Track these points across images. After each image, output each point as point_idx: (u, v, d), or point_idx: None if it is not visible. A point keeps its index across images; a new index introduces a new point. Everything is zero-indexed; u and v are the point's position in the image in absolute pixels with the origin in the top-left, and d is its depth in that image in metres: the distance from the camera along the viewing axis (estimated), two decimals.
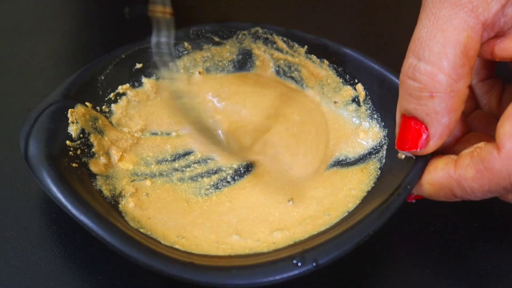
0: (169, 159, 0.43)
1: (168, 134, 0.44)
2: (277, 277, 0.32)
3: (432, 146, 0.36)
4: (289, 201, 0.40)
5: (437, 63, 0.34)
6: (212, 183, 0.42)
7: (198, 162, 0.43)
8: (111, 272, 0.37)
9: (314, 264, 0.32)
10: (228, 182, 0.42)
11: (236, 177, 0.42)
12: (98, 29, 0.55)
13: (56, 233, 0.39)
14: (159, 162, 0.43)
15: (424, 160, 0.37)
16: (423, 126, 0.35)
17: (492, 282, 0.38)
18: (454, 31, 0.33)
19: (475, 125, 0.41)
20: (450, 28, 0.34)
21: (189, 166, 0.43)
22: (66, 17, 0.57)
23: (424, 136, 0.36)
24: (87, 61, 0.44)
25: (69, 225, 0.39)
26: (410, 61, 0.35)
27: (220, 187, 0.41)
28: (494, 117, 0.40)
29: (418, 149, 0.36)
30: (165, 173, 0.42)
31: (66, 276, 0.36)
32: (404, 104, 0.36)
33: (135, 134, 0.44)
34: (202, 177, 0.42)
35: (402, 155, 0.38)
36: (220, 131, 0.44)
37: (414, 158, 0.37)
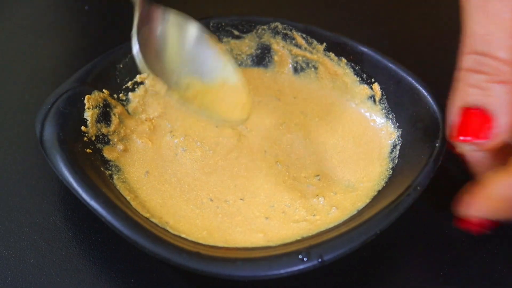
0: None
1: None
2: (282, 271, 0.32)
3: (500, 137, 0.36)
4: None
5: (500, 56, 0.35)
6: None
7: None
8: (125, 270, 0.37)
9: (319, 260, 0.32)
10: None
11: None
12: (115, 25, 0.56)
13: (71, 230, 0.39)
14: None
15: (435, 162, 0.37)
16: (490, 117, 0.35)
17: (508, 285, 0.37)
18: (509, 24, 0.34)
19: None
20: (504, 22, 0.34)
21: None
22: (81, 16, 0.57)
23: (490, 126, 0.36)
24: None
25: (84, 223, 0.39)
26: (470, 57, 0.36)
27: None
28: None
29: (486, 140, 0.36)
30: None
31: (81, 274, 0.36)
32: (465, 97, 0.36)
33: (153, 121, 0.44)
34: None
35: (461, 149, 0.38)
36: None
37: (475, 149, 0.37)
